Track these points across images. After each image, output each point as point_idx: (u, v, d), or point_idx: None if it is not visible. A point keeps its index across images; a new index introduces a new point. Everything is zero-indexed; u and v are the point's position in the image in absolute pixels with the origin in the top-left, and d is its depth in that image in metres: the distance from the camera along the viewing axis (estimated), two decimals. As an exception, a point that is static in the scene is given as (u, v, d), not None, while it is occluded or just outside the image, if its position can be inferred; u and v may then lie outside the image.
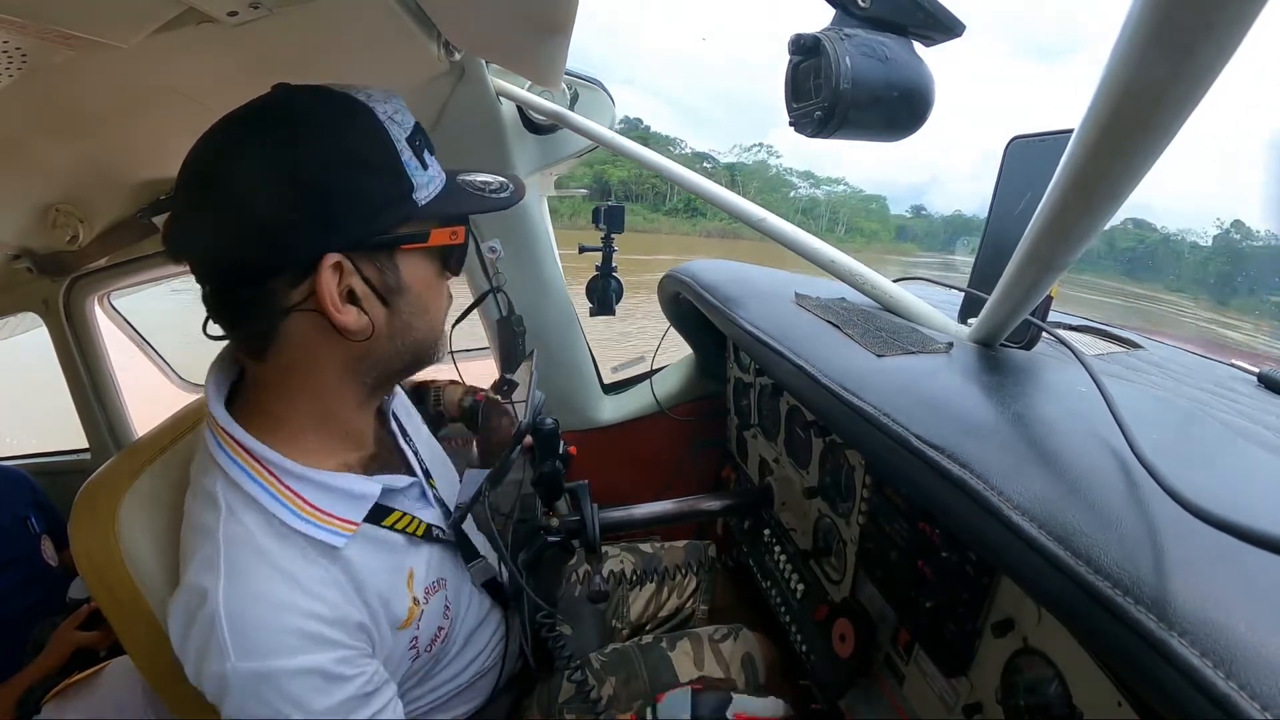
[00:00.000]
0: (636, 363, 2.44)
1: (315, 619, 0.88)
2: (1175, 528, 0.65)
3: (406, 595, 1.05)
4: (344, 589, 0.94)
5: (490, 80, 1.81)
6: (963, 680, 1.07)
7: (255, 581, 0.87)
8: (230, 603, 0.85)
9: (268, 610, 0.86)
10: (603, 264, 2.06)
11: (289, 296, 0.88)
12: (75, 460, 2.74)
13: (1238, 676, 0.51)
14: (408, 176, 0.90)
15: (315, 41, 1.23)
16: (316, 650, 0.88)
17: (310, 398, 0.98)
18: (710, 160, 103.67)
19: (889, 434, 0.94)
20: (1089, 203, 0.70)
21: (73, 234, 1.92)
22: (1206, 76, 0.50)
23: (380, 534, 1.04)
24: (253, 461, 0.93)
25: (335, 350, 0.94)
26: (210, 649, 0.84)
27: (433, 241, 0.95)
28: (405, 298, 0.96)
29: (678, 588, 1.82)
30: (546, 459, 1.43)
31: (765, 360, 1.35)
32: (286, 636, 0.86)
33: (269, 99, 0.89)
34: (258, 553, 0.89)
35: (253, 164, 0.85)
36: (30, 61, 1.01)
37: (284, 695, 0.85)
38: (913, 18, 0.82)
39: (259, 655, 0.84)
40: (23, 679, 1.78)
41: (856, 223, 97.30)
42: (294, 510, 0.92)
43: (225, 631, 0.84)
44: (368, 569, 0.98)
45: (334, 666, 0.89)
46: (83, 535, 1.11)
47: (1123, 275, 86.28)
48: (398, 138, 0.90)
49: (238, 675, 0.83)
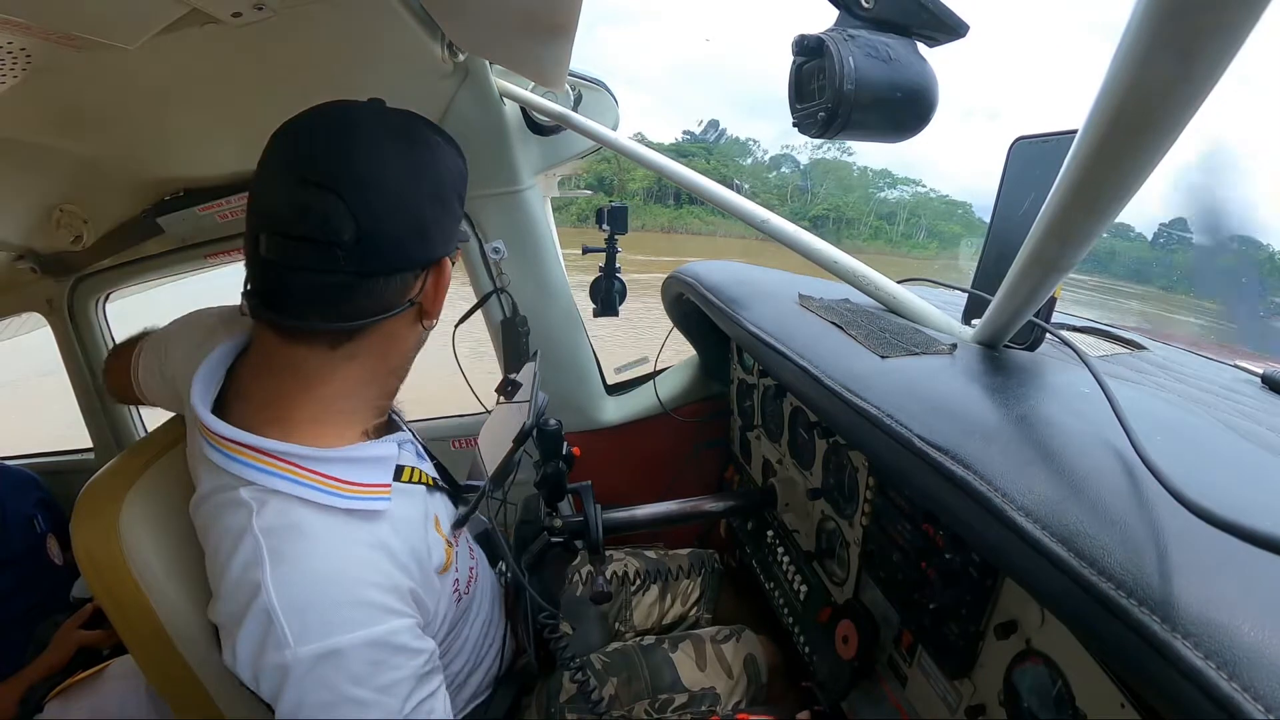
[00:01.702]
0: (640, 364, 2.44)
1: (371, 586, 0.90)
2: (1179, 529, 0.65)
3: (440, 539, 1.10)
4: (390, 552, 0.95)
5: (494, 81, 1.81)
6: (966, 682, 1.07)
7: (303, 560, 0.89)
8: (281, 589, 0.86)
9: (322, 587, 0.88)
10: (606, 265, 2.07)
11: (413, 288, 0.98)
12: (80, 460, 2.74)
13: (1241, 678, 0.51)
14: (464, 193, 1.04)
15: (319, 43, 1.23)
16: (377, 620, 0.89)
17: (370, 381, 1.05)
18: (791, 162, 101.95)
19: (893, 435, 0.94)
20: (1093, 204, 0.70)
21: (77, 234, 1.93)
22: (1210, 78, 0.50)
23: (403, 488, 1.07)
24: (269, 459, 0.94)
25: (413, 338, 1.06)
26: (268, 642, 0.85)
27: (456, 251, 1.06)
28: (434, 300, 1.04)
29: (681, 594, 1.83)
30: (550, 460, 1.44)
31: (769, 361, 1.35)
32: (346, 610, 0.87)
33: (390, 110, 0.97)
34: (299, 533, 0.90)
35: (404, 166, 0.93)
36: (35, 62, 1.01)
37: (347, 673, 0.86)
38: (916, 18, 0.82)
39: (320, 635, 0.85)
40: (25, 677, 1.78)
41: (938, 227, 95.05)
42: (327, 490, 0.94)
43: (282, 619, 0.85)
44: (405, 524, 1.01)
45: (394, 637, 0.90)
46: (84, 535, 1.11)
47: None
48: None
49: (299, 662, 0.84)
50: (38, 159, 1.56)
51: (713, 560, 1.91)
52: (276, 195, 0.91)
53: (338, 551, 0.91)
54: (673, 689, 1.48)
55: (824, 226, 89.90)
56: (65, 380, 2.54)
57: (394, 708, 0.89)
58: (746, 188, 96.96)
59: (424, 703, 0.94)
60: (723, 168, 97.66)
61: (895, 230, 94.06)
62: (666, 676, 1.50)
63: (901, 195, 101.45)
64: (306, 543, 0.90)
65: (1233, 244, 13.04)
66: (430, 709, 0.95)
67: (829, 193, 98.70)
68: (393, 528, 0.98)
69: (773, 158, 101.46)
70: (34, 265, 2.14)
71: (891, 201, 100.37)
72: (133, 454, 1.22)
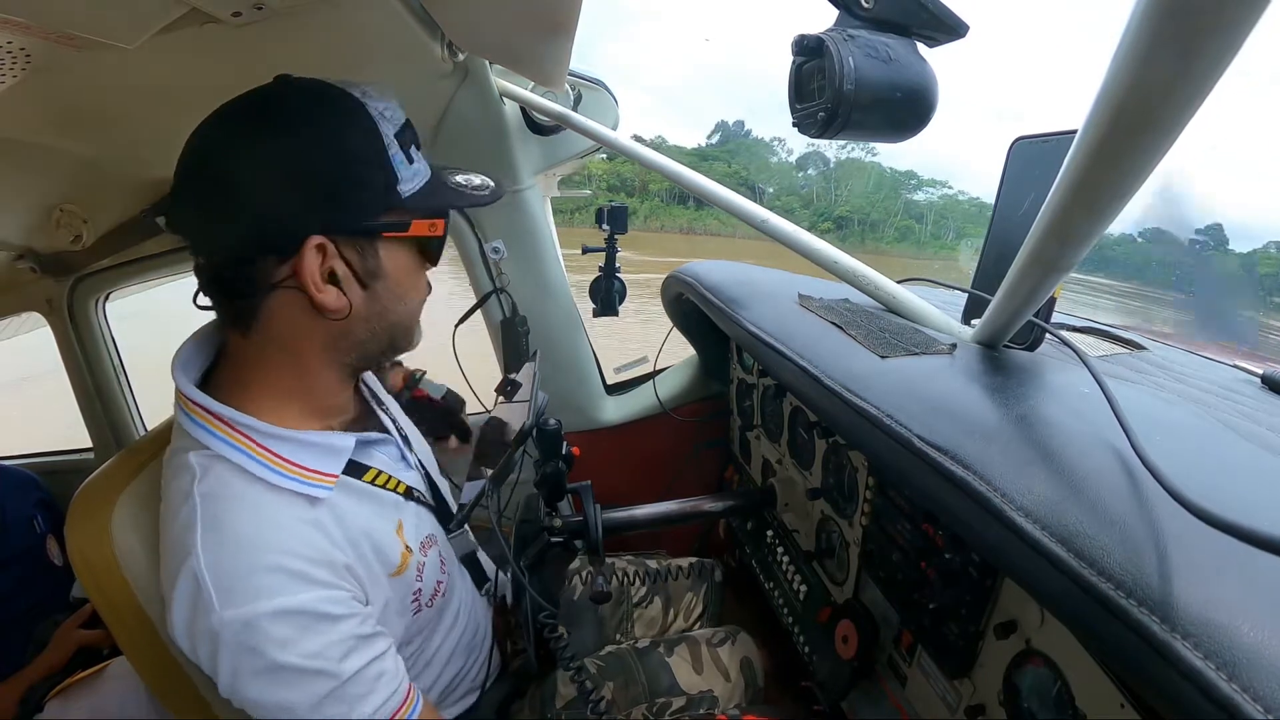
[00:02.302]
0: (640, 363, 2.44)
1: (295, 556, 0.91)
2: (1179, 530, 0.65)
3: (398, 542, 1.09)
4: (326, 531, 0.97)
5: (493, 81, 1.81)
6: (965, 682, 1.07)
7: (231, 526, 0.90)
8: (209, 553, 0.88)
9: (246, 552, 0.89)
10: (606, 264, 2.06)
11: (275, 273, 0.93)
12: (79, 460, 2.74)
13: (1241, 679, 0.51)
14: (393, 170, 0.95)
15: (319, 42, 1.23)
16: (300, 589, 0.90)
17: (293, 372, 1.02)
18: (820, 162, 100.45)
19: (892, 435, 0.94)
20: (1092, 204, 0.70)
21: (76, 234, 1.92)
22: (1210, 77, 0.50)
23: (363, 487, 1.08)
24: (224, 426, 0.96)
25: (317, 328, 0.99)
26: (197, 607, 0.87)
27: (412, 232, 1.00)
28: (384, 283, 1.00)
29: (685, 610, 1.82)
30: (549, 459, 1.44)
31: (768, 361, 1.35)
32: (267, 576, 0.88)
33: (269, 89, 0.95)
34: (233, 500, 0.92)
35: (251, 151, 0.91)
36: (35, 62, 1.01)
37: (272, 639, 0.87)
38: (916, 18, 0.82)
39: (243, 601, 0.86)
40: (25, 677, 1.79)
41: (967, 229, 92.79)
42: (270, 466, 0.95)
43: (209, 583, 0.86)
44: (351, 515, 1.02)
45: (321, 605, 0.91)
46: (78, 537, 1.12)
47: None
48: (387, 133, 0.95)
49: (226, 627, 0.86)
50: (37, 159, 1.56)
51: (714, 571, 1.91)
52: None
53: (267, 520, 0.92)
54: (670, 692, 1.48)
55: (848, 228, 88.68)
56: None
57: (333, 671, 0.91)
58: (770, 191, 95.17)
59: (371, 664, 0.96)
60: (743, 171, 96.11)
61: (924, 231, 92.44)
62: (664, 680, 1.50)
63: (929, 197, 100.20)
64: (239, 511, 0.91)
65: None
66: (379, 670, 0.97)
67: (853, 193, 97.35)
68: (334, 516, 0.99)
69: (800, 158, 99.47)
70: (34, 265, 2.14)
71: (920, 204, 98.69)
72: (127, 456, 1.23)
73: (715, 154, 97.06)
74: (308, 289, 0.93)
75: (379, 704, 0.96)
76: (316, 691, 0.91)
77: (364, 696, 0.95)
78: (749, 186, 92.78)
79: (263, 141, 0.91)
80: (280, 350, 1.00)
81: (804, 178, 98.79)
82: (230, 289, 0.97)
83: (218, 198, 0.92)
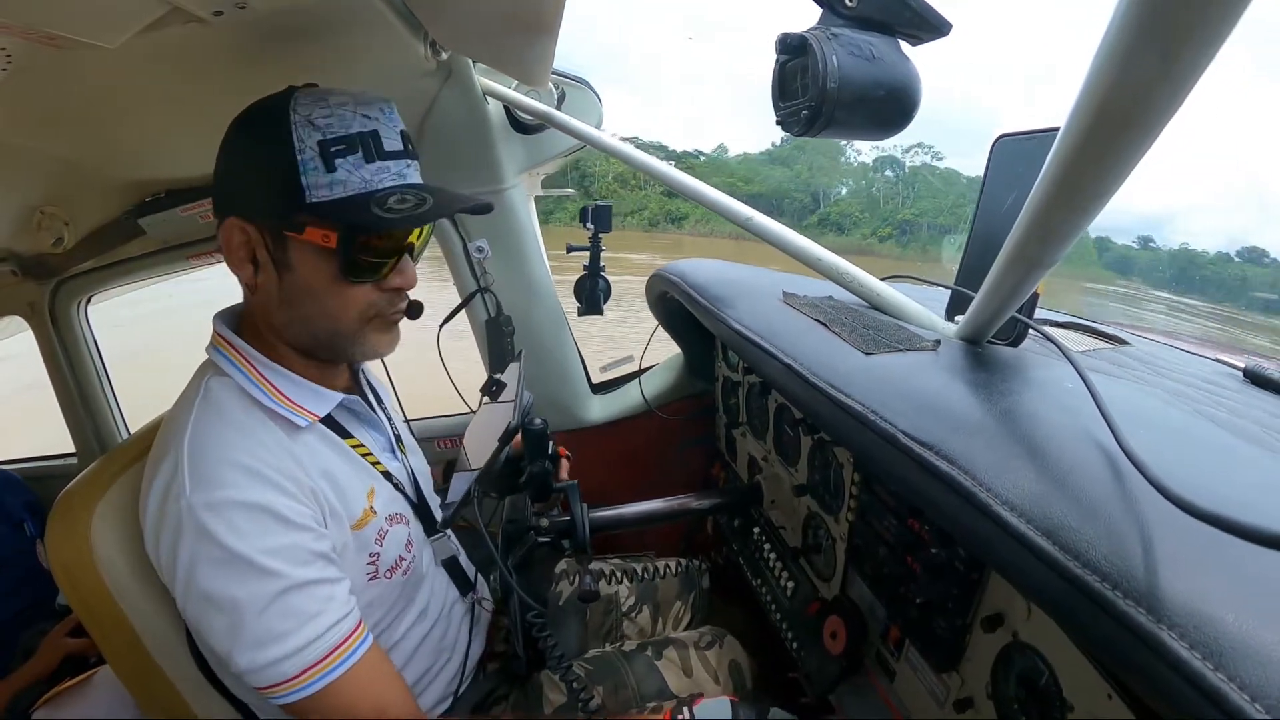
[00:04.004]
0: (625, 362, 2.44)
1: (265, 465, 1.03)
2: (1163, 522, 0.65)
3: (364, 500, 1.18)
4: (297, 458, 1.08)
5: (477, 80, 1.81)
6: (953, 675, 1.08)
7: (216, 428, 1.04)
8: (192, 444, 1.01)
9: (223, 448, 1.01)
10: (590, 264, 2.06)
11: (223, 242, 1.08)
12: (63, 464, 2.72)
13: (1227, 668, 0.52)
14: (297, 174, 1.01)
15: (301, 41, 1.22)
16: (266, 490, 1.01)
17: (259, 329, 1.15)
18: (896, 167, 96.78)
19: (877, 431, 0.95)
20: (1074, 201, 0.71)
21: (58, 236, 1.91)
22: (1191, 76, 0.51)
23: (343, 446, 1.20)
24: (234, 352, 1.12)
25: (250, 298, 1.14)
26: (170, 493, 0.99)
27: (306, 236, 1.03)
28: (293, 276, 1.07)
29: (673, 619, 1.82)
30: (536, 459, 1.44)
31: (753, 359, 1.35)
32: (235, 471, 1.00)
33: (263, 103, 1.06)
34: (223, 411, 1.07)
35: (221, 146, 1.08)
36: (15, 62, 1.00)
37: (232, 526, 0.97)
38: (899, 17, 0.83)
39: (211, 487, 0.97)
40: (10, 685, 1.77)
41: None
42: (262, 389, 1.09)
43: (185, 468, 0.99)
44: (325, 457, 1.14)
45: (281, 509, 1.01)
46: (58, 543, 1.12)
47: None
48: (305, 139, 1.01)
49: (192, 510, 0.96)
50: (18, 160, 1.54)
51: (701, 576, 1.91)
52: None
53: (249, 430, 1.06)
54: (660, 696, 1.47)
55: (911, 234, 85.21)
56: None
57: (285, 573, 0.99)
58: (844, 193, 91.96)
59: (323, 584, 1.04)
60: (805, 173, 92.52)
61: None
62: (653, 684, 1.50)
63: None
64: (228, 417, 1.06)
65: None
66: (330, 594, 1.05)
67: (920, 197, 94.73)
68: (309, 451, 1.11)
69: (877, 160, 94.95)
70: (15, 268, 2.12)
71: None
72: (107, 461, 1.23)
73: (784, 155, 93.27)
74: (226, 257, 1.08)
75: (327, 626, 1.02)
76: (267, 591, 0.98)
77: (313, 615, 1.01)
78: (810, 193, 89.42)
79: (226, 140, 1.08)
80: (247, 307, 1.17)
81: (879, 179, 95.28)
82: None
83: (220, 169, 1.09)
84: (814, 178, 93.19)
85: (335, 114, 1.02)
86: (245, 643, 0.98)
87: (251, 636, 0.98)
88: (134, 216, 1.92)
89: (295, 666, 0.99)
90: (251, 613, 0.97)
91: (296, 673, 1.00)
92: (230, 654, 0.99)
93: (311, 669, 1.00)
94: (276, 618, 0.98)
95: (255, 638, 0.98)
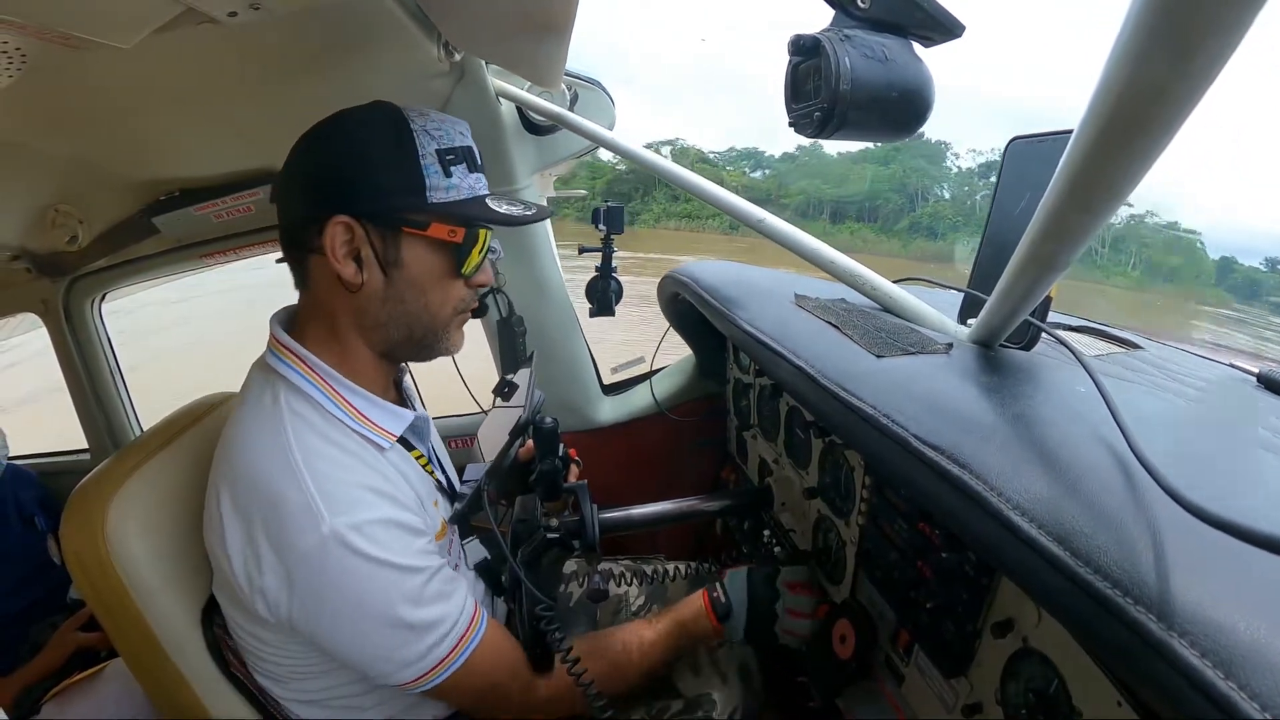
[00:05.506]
0: (636, 363, 2.44)
1: (381, 480, 1.11)
2: (1175, 528, 0.65)
3: (436, 512, 1.26)
4: (389, 476, 1.14)
5: (490, 81, 1.81)
6: (962, 681, 1.07)
7: (329, 452, 1.08)
8: (311, 471, 1.03)
9: (340, 470, 1.06)
10: (602, 265, 2.06)
11: (313, 241, 1.09)
12: (76, 460, 2.73)
13: (1237, 677, 0.51)
14: (422, 176, 1.08)
15: (315, 42, 1.23)
16: (391, 506, 1.09)
17: (329, 333, 1.17)
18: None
19: (888, 434, 0.94)
20: (1088, 203, 0.70)
21: (72, 234, 1.92)
22: (1207, 76, 0.50)
23: (413, 461, 1.26)
24: (307, 368, 1.13)
25: (342, 298, 1.13)
26: (300, 519, 1.01)
27: (431, 232, 1.10)
28: (402, 274, 1.12)
29: None
30: (546, 457, 1.44)
31: (765, 361, 1.35)
32: (363, 492, 1.06)
33: (334, 116, 1.12)
34: (316, 431, 1.09)
35: (306, 151, 1.12)
36: (30, 62, 1.01)
37: (377, 542, 1.03)
38: (912, 18, 0.82)
39: (349, 510, 1.02)
40: (20, 678, 1.78)
41: (1156, 258, 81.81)
42: (344, 411, 1.13)
43: (314, 490, 1.01)
44: (407, 473, 1.20)
45: (408, 520, 1.11)
46: (73, 537, 1.13)
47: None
48: (424, 147, 1.08)
49: (335, 535, 1.00)
50: (33, 159, 1.55)
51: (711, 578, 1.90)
52: None
53: (352, 451, 1.11)
54: (669, 695, 1.47)
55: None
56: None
57: (425, 566, 1.10)
58: (947, 196, 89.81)
59: (444, 569, 1.15)
60: (900, 173, 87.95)
61: (1102, 255, 77.72)
62: (664, 682, 1.50)
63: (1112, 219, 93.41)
64: (325, 438, 1.09)
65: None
66: (452, 576, 1.17)
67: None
68: (395, 469, 1.17)
69: (983, 164, 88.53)
70: (29, 265, 2.13)
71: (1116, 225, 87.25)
72: (122, 457, 1.23)
73: (883, 155, 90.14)
74: (329, 257, 1.07)
75: (462, 601, 1.16)
76: (415, 584, 1.08)
77: (449, 595, 1.14)
78: (905, 194, 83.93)
79: (313, 145, 1.11)
80: (320, 309, 1.17)
81: (981, 185, 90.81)
82: (288, 247, 1.16)
83: (287, 180, 1.14)
84: (909, 178, 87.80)
85: (442, 127, 1.11)
86: (404, 639, 1.08)
87: (409, 630, 1.08)
88: (148, 215, 1.93)
89: (449, 645, 1.11)
90: (407, 607, 1.07)
91: (450, 650, 1.11)
92: (393, 654, 1.09)
93: (461, 640, 1.13)
94: (429, 605, 1.09)
95: (413, 628, 1.08)
